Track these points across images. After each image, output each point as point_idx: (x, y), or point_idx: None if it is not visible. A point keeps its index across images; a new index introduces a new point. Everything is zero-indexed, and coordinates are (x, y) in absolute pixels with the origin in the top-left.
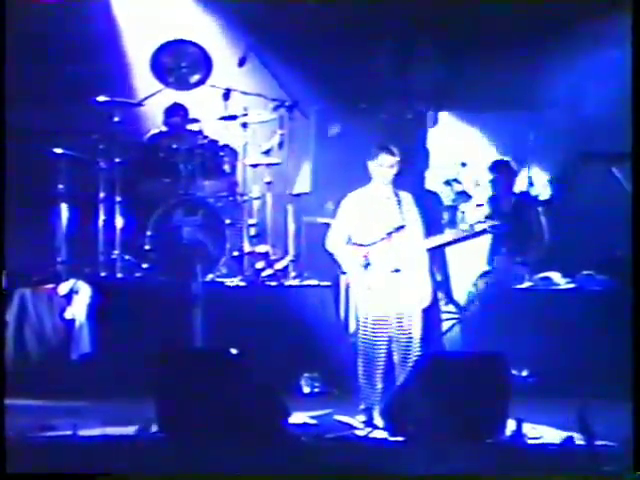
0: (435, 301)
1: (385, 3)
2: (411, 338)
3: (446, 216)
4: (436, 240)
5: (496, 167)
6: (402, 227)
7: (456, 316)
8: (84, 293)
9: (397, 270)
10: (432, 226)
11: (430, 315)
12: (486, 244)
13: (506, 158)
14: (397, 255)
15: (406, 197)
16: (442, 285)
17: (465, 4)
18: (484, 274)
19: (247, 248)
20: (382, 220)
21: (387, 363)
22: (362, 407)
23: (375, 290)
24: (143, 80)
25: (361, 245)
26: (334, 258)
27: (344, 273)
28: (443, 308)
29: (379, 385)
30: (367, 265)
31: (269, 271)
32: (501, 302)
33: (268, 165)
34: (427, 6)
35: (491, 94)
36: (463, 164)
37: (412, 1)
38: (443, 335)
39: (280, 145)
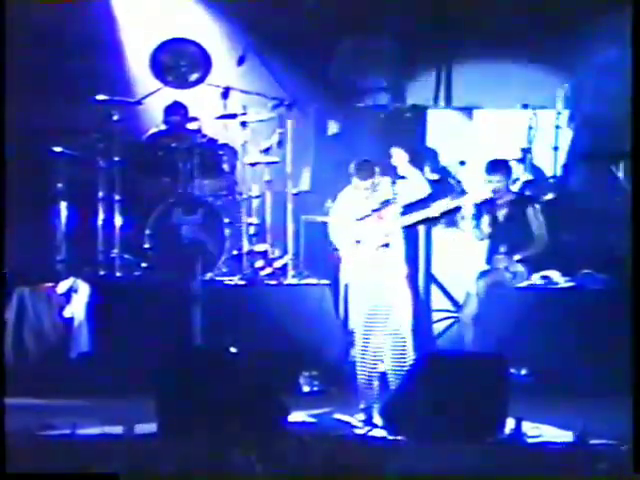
0: (427, 298)
1: (384, 1)
2: (404, 340)
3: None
4: (419, 215)
5: (493, 167)
6: (389, 202)
7: (455, 315)
8: (83, 292)
9: (386, 245)
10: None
11: (421, 313)
12: (485, 243)
13: (503, 157)
14: (386, 231)
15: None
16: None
17: (465, 2)
18: (483, 273)
19: (246, 247)
20: (372, 203)
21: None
22: (361, 406)
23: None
24: (142, 79)
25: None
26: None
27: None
28: (439, 306)
29: (376, 384)
30: (358, 241)
31: (268, 270)
32: (500, 301)
33: (267, 164)
34: (428, 4)
35: (491, 93)
36: (462, 163)
37: None
38: (436, 335)
39: (279, 144)
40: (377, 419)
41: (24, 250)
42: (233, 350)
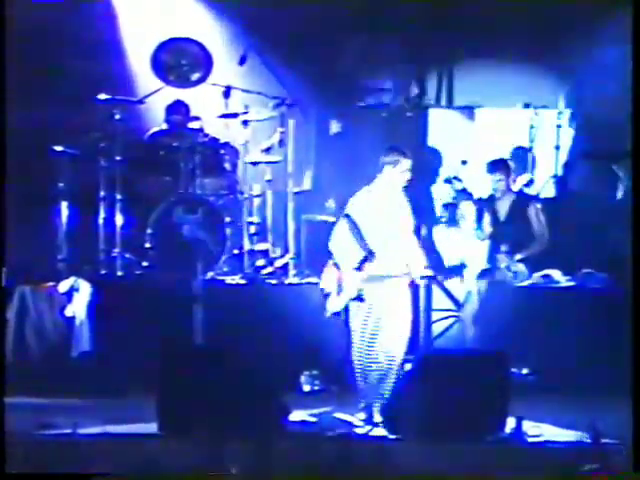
0: (428, 297)
1: (386, 1)
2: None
3: (446, 214)
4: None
5: (494, 166)
6: (372, 255)
7: (456, 314)
8: (84, 291)
9: (361, 299)
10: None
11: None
12: (486, 243)
13: (503, 157)
14: (366, 285)
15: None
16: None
17: (466, 3)
18: (484, 272)
19: (247, 246)
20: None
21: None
22: (362, 405)
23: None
24: (144, 78)
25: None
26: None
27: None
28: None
29: (375, 383)
30: (339, 291)
31: (269, 269)
32: (501, 300)
33: (268, 163)
34: (428, 5)
35: (492, 92)
36: (463, 162)
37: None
38: (437, 334)
39: (281, 143)
40: (378, 418)
41: (25, 249)
42: (233, 350)
